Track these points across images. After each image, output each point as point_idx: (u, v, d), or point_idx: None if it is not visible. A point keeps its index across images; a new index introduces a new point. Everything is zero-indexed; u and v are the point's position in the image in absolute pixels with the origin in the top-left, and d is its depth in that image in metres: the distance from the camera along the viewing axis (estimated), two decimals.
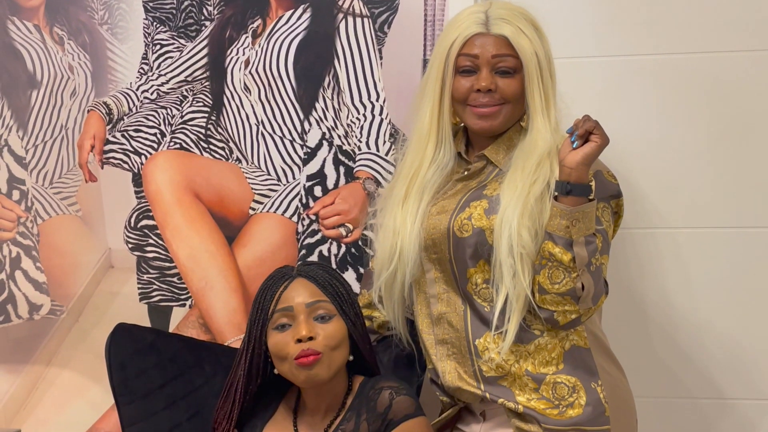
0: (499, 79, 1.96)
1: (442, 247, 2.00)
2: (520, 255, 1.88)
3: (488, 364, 1.97)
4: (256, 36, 2.55)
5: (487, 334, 1.97)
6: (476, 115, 1.99)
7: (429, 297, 2.07)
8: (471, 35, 1.96)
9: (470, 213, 1.97)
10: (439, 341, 2.06)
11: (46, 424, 2.72)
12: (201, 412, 2.24)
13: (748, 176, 2.46)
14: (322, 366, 1.92)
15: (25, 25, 2.64)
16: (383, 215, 2.14)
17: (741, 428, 2.52)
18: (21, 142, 2.68)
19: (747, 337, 2.49)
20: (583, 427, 1.91)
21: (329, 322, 1.95)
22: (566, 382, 1.94)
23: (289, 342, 1.92)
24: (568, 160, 1.83)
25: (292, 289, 1.97)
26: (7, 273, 2.70)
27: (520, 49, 1.94)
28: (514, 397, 1.96)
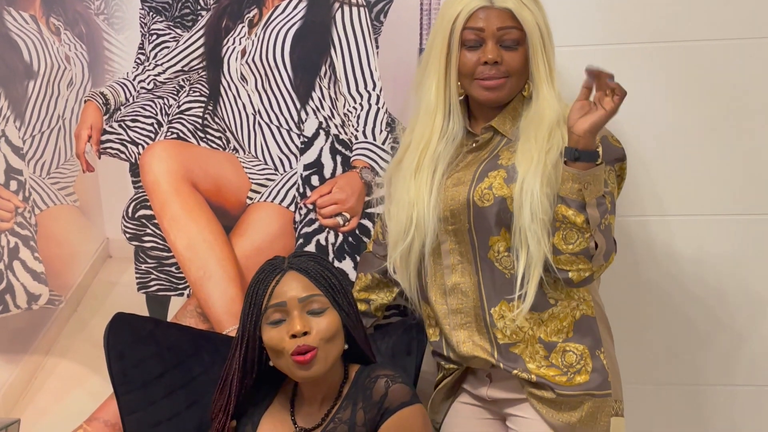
0: (504, 52, 1.97)
1: (462, 218, 2.02)
2: (542, 221, 1.91)
3: (503, 331, 2.00)
4: (253, 25, 2.54)
5: (503, 302, 2.00)
6: (483, 87, 2.00)
7: (443, 268, 2.08)
8: (475, 8, 1.97)
9: (490, 183, 1.99)
10: (453, 311, 2.07)
11: (45, 413, 2.72)
12: (200, 401, 2.24)
13: (741, 165, 2.47)
14: (319, 362, 1.92)
15: (21, 16, 2.64)
16: (394, 188, 2.16)
17: (731, 413, 2.53)
18: (18, 133, 2.68)
19: (739, 323, 2.50)
20: (591, 392, 1.96)
21: (323, 316, 1.95)
22: (575, 350, 1.98)
23: (284, 337, 1.93)
24: (577, 128, 1.85)
25: (285, 283, 1.97)
26: (6, 263, 2.71)
27: (524, 20, 1.96)
28: (525, 365, 1.99)
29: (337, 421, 1.95)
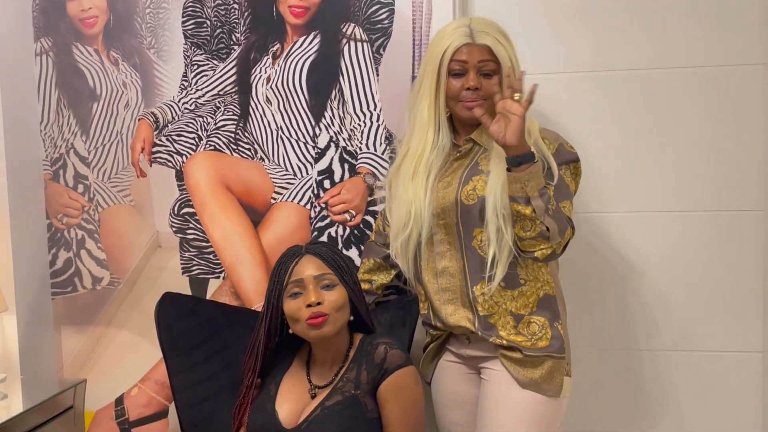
0: (482, 79, 2.10)
1: (451, 214, 2.14)
2: (503, 216, 2.05)
3: (483, 305, 2.13)
4: (276, 57, 2.61)
5: (483, 283, 2.13)
6: (466, 108, 2.12)
7: (435, 254, 2.19)
8: (460, 45, 2.09)
9: (474, 185, 2.12)
10: (442, 289, 2.19)
11: (107, 374, 2.81)
12: (233, 363, 2.36)
13: (669, 171, 2.55)
14: (329, 325, 2.03)
15: (87, 50, 2.72)
16: (395, 189, 2.26)
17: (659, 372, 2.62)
18: (84, 146, 2.76)
19: (667, 299, 2.60)
20: (551, 354, 2.11)
21: (333, 290, 2.05)
22: (537, 322, 2.13)
23: (301, 307, 2.03)
24: (508, 140, 1.95)
25: (302, 264, 2.07)
26: (74, 252, 2.80)
27: (499, 54, 2.09)
28: (498, 333, 2.13)
29: (345, 380, 2.06)
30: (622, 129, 2.58)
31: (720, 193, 2.56)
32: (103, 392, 2.83)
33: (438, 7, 2.51)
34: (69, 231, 2.82)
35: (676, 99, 2.54)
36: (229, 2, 2.64)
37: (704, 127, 2.54)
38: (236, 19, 2.64)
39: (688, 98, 2.54)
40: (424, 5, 2.52)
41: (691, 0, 2.50)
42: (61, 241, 2.83)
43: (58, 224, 2.82)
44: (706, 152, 2.55)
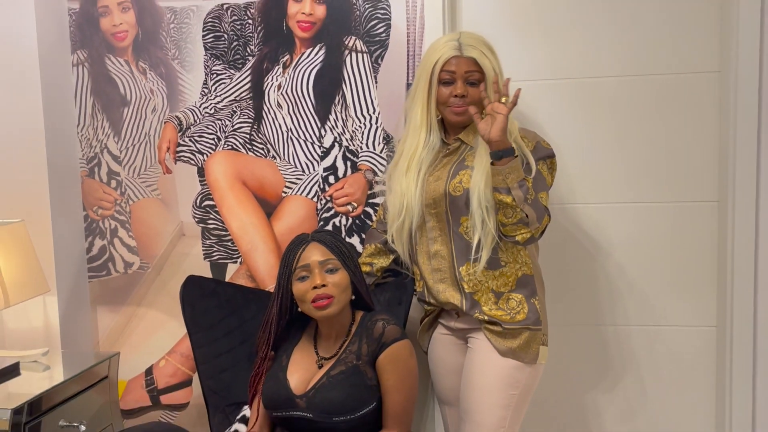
0: (468, 88, 2.13)
1: (441, 203, 2.16)
2: (486, 207, 2.07)
3: (468, 284, 2.15)
4: (286, 67, 2.61)
5: (467, 263, 2.15)
6: (454, 113, 2.15)
7: (428, 239, 2.22)
8: (450, 57, 2.12)
9: (460, 179, 2.14)
10: (434, 270, 2.22)
11: (137, 348, 2.82)
12: (249, 338, 2.39)
13: (643, 166, 2.56)
14: (334, 305, 2.05)
15: (118, 60, 2.72)
16: (391, 183, 2.27)
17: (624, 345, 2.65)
18: (116, 146, 2.76)
19: (646, 280, 2.61)
20: (528, 326, 2.14)
21: (336, 273, 2.07)
22: (515, 298, 2.16)
23: (308, 289, 2.05)
24: (492, 136, 1.98)
25: (309, 250, 2.08)
26: (108, 240, 2.80)
27: (484, 67, 2.11)
28: (481, 308, 2.15)
29: (348, 352, 2.09)
30: (592, 130, 2.59)
31: (679, 186, 2.58)
32: (135, 364, 2.84)
33: (429, 22, 2.51)
34: (103, 221, 2.82)
35: (639, 103, 2.56)
36: (244, 18, 2.63)
37: (664, 129, 2.55)
38: (250, 33, 2.63)
39: (649, 103, 2.54)
40: (417, 20, 2.52)
41: (652, 15, 2.51)
42: (97, 230, 2.83)
43: (94, 215, 2.82)
44: (666, 151, 2.56)
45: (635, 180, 2.59)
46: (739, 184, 2.43)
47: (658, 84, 2.53)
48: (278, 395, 2.09)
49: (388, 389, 2.08)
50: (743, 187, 2.43)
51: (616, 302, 2.65)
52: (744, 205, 2.44)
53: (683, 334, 2.63)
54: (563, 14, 2.56)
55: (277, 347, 2.20)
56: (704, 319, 2.61)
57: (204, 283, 2.49)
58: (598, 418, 2.72)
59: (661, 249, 2.60)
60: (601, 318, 2.67)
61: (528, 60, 2.58)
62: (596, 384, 2.71)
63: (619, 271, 2.64)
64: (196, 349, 2.41)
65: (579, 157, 2.60)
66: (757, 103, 2.38)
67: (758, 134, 2.40)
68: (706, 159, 2.55)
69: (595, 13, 2.54)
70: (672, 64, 2.52)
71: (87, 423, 2.39)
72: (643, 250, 2.61)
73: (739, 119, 2.40)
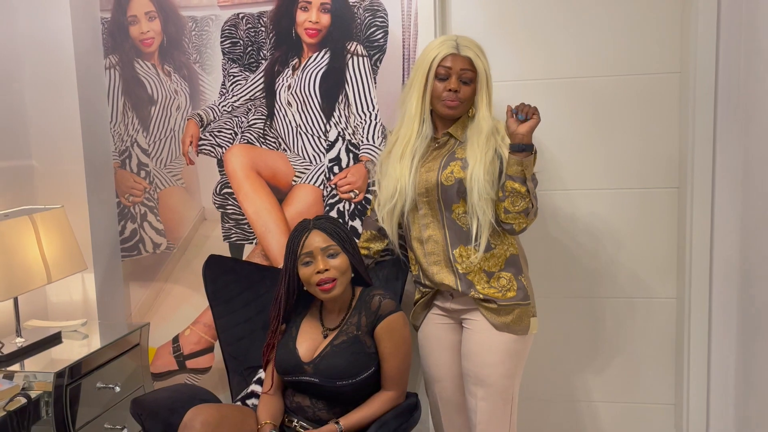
0: (462, 85, 2.09)
1: (433, 192, 2.11)
2: (486, 199, 2.03)
3: (461, 265, 2.11)
4: (295, 69, 2.60)
5: (461, 246, 2.11)
6: (446, 106, 2.11)
7: (421, 225, 2.16)
8: (447, 54, 2.08)
9: (451, 170, 2.09)
10: (428, 253, 2.16)
11: (165, 319, 2.84)
12: (264, 310, 2.41)
13: (612, 157, 2.56)
14: (336, 288, 2.06)
15: (146, 64, 2.72)
16: (386, 167, 2.21)
17: (611, 315, 2.64)
18: (145, 140, 2.76)
19: (615, 257, 2.61)
20: (518, 302, 2.11)
21: (337, 258, 2.07)
22: (505, 276, 2.12)
23: (312, 273, 2.06)
24: (520, 130, 1.98)
25: (311, 238, 2.07)
26: (138, 224, 2.81)
27: (477, 67, 2.08)
28: (475, 287, 2.10)
29: (349, 323, 2.10)
30: (570, 125, 2.59)
31: (644, 174, 2.58)
32: (163, 333, 2.85)
33: (422, 28, 2.51)
34: (134, 207, 2.82)
35: (610, 101, 2.55)
36: (257, 26, 2.62)
37: (631, 124, 2.55)
38: (263, 39, 2.62)
39: (619, 100, 2.54)
40: (411, 27, 2.51)
41: (622, 24, 2.50)
42: (128, 215, 2.83)
43: (126, 202, 2.82)
44: (633, 143, 2.56)
45: (607, 169, 2.59)
46: (697, 173, 2.43)
47: (627, 84, 2.53)
48: (289, 362, 2.10)
49: (385, 356, 2.09)
50: (700, 175, 2.43)
51: (591, 277, 2.65)
52: (701, 191, 2.44)
53: (649, 305, 2.64)
54: (544, 23, 2.55)
55: (287, 320, 2.20)
56: (666, 292, 2.62)
57: (224, 261, 2.50)
58: (570, 379, 2.74)
59: (629, 229, 2.60)
60: (578, 291, 2.67)
61: (512, 63, 2.57)
62: (573, 350, 2.72)
63: (594, 248, 2.64)
64: (217, 320, 2.43)
65: (559, 149, 2.60)
66: (713, 101, 2.38)
67: (714, 128, 2.40)
68: (668, 150, 2.55)
69: (572, 21, 2.54)
70: (639, 67, 2.52)
71: (121, 385, 2.42)
72: (613, 230, 2.62)
73: (698, 115, 2.40)
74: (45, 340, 2.41)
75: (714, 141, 2.40)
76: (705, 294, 2.47)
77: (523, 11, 2.55)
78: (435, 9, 2.49)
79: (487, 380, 2.12)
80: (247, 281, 2.48)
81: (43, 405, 2.10)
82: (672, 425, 2.67)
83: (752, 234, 2.28)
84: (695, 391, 2.52)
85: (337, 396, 2.06)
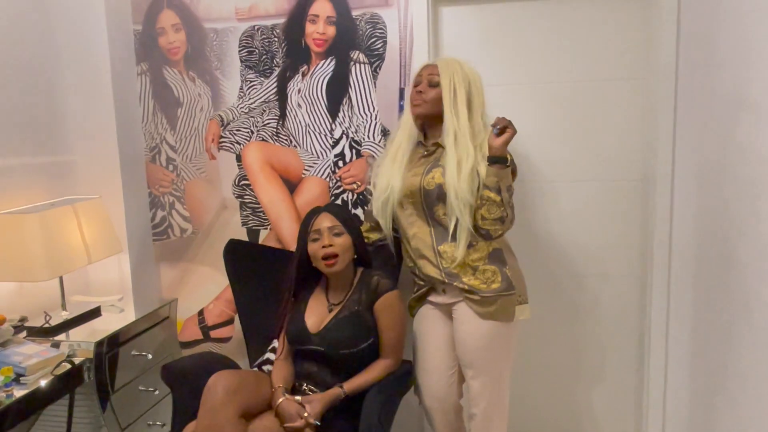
0: (428, 88, 2.07)
1: (417, 195, 2.09)
2: (463, 200, 1.98)
3: (446, 260, 2.06)
4: (304, 75, 2.58)
5: (446, 243, 2.07)
6: (412, 104, 2.10)
7: (408, 223, 2.14)
8: (425, 65, 2.12)
9: (433, 175, 2.06)
10: (415, 249, 2.13)
11: (192, 294, 2.83)
12: (277, 288, 2.34)
13: (583, 153, 2.54)
14: (339, 263, 2.07)
15: (172, 71, 2.71)
16: (383, 166, 2.19)
17: (593, 292, 2.63)
18: (173, 138, 2.75)
19: (588, 240, 2.60)
20: (501, 292, 2.03)
21: (341, 237, 2.09)
22: (489, 269, 2.06)
23: (319, 249, 2.07)
24: (495, 144, 1.93)
25: (320, 219, 2.10)
26: (167, 211, 2.80)
27: (442, 72, 2.03)
28: (462, 279, 2.05)
29: (351, 300, 2.11)
30: (546, 123, 2.57)
31: (612, 168, 2.56)
32: (189, 307, 2.85)
33: (417, 38, 2.49)
34: (163, 197, 2.81)
35: (582, 103, 2.54)
36: (271, 36, 2.60)
37: (601, 123, 2.53)
38: (276, 48, 2.60)
39: (590, 102, 2.52)
40: (407, 38, 2.49)
41: (592, 35, 2.48)
42: (158, 203, 2.82)
43: (156, 192, 2.81)
44: (602, 140, 2.54)
45: (578, 163, 2.58)
46: (659, 167, 2.42)
47: (598, 88, 2.52)
48: (298, 333, 2.11)
49: (383, 328, 2.10)
50: (662, 169, 2.42)
51: (566, 258, 2.65)
52: (663, 182, 2.43)
53: (615, 281, 2.64)
54: (525, 35, 2.53)
55: (297, 296, 2.20)
56: (631, 270, 2.62)
57: (242, 244, 2.50)
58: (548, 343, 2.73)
59: (597, 216, 2.59)
60: (556, 271, 2.67)
61: (497, 70, 2.56)
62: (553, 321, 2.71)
63: (568, 234, 2.63)
64: (236, 295, 2.43)
65: (536, 145, 2.58)
66: (674, 104, 2.37)
67: (674, 128, 2.38)
68: (633, 146, 2.54)
69: (550, 33, 2.52)
70: (609, 73, 2.51)
71: (153, 352, 2.45)
72: (585, 217, 2.61)
73: (660, 116, 2.39)
74: (87, 314, 2.42)
75: (674, 139, 2.39)
76: (665, 272, 2.47)
77: (506, 25, 2.53)
78: (428, 21, 2.48)
79: (475, 363, 2.09)
80: (262, 262, 2.48)
81: (85, 370, 2.11)
82: (634, 381, 2.68)
83: (706, 220, 2.27)
84: (655, 351, 2.52)
85: (341, 363, 2.07)
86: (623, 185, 2.57)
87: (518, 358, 2.66)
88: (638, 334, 2.65)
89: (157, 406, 2.46)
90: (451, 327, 2.17)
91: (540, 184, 2.62)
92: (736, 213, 1.95)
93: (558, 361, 2.72)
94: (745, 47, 1.84)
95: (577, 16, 2.49)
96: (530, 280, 2.45)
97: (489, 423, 2.13)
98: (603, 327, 2.67)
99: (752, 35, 1.79)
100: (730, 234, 2.00)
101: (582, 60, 2.51)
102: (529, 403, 2.75)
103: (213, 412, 1.83)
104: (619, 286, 2.64)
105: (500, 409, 2.13)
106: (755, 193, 1.80)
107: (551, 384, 2.73)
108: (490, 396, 2.10)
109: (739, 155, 1.91)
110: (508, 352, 2.12)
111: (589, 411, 2.72)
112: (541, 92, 2.55)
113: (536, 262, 2.64)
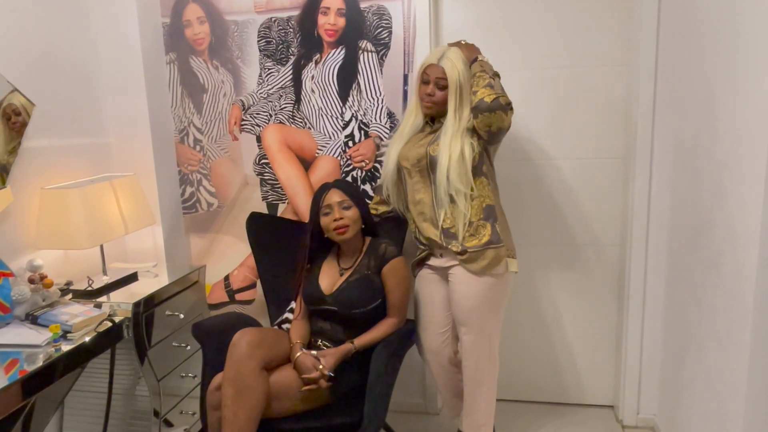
0: (437, 90, 2.06)
1: (423, 161, 2.07)
2: (455, 191, 1.98)
3: (446, 221, 2.03)
4: (317, 63, 2.57)
5: (447, 205, 2.03)
6: (424, 106, 2.10)
7: (414, 190, 2.12)
8: (429, 63, 2.05)
9: (438, 144, 2.03)
10: (419, 213, 2.12)
11: (219, 261, 2.83)
12: (294, 255, 2.33)
13: (568, 133, 2.52)
14: (349, 231, 2.07)
15: (198, 60, 2.70)
16: (391, 145, 2.18)
17: (580, 261, 2.63)
18: (199, 121, 2.74)
19: (571, 211, 2.58)
20: (489, 245, 2.01)
21: (350, 210, 2.08)
22: (483, 225, 2.03)
23: (330, 221, 2.07)
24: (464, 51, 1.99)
25: (330, 194, 2.10)
26: (195, 187, 2.80)
27: (450, 77, 2.00)
28: (457, 237, 2.02)
29: (361, 265, 2.10)
30: (538, 106, 2.55)
31: (595, 146, 2.55)
32: (216, 272, 2.85)
33: (420, 30, 2.47)
34: (191, 174, 2.81)
35: (569, 87, 2.52)
36: (287, 27, 2.59)
37: (586, 106, 2.51)
38: (291, 39, 2.59)
39: (576, 86, 2.50)
40: (411, 28, 2.48)
41: (577, 24, 2.45)
42: (187, 180, 2.82)
43: (185, 170, 2.81)
44: (587, 122, 2.52)
45: (565, 142, 2.57)
46: (639, 145, 2.41)
47: (584, 73, 2.50)
48: (313, 295, 2.12)
49: (390, 290, 2.10)
50: (642, 147, 2.41)
51: (553, 228, 2.64)
52: (642, 160, 2.41)
53: (597, 249, 2.63)
54: (520, 24, 2.51)
55: (312, 262, 2.21)
56: (611, 239, 2.62)
57: (262, 217, 2.50)
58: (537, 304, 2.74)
59: (581, 191, 2.58)
60: (544, 240, 2.67)
61: (494, 56, 2.42)
62: (539, 285, 2.72)
63: (556, 207, 2.63)
64: (257, 263, 2.44)
65: (528, 126, 2.57)
66: (653, 88, 2.35)
67: (653, 110, 2.37)
68: (615, 127, 2.53)
69: (542, 23, 2.49)
70: (594, 60, 2.49)
71: (184, 313, 2.44)
72: (571, 192, 2.60)
73: (640, 99, 2.38)
74: (125, 278, 2.43)
75: (653, 120, 2.38)
76: (643, 241, 2.46)
77: (502, 15, 2.51)
78: (430, 13, 2.46)
79: (468, 321, 2.09)
80: (280, 232, 2.48)
81: (125, 328, 2.11)
82: (614, 339, 2.70)
83: (681, 195, 2.26)
84: (633, 312, 2.52)
85: (352, 321, 2.07)
86: (605, 162, 2.56)
87: (509, 313, 2.69)
88: (617, 299, 2.66)
89: (189, 360, 2.48)
90: (446, 289, 2.16)
91: (530, 161, 2.62)
92: (707, 187, 1.94)
93: (547, 315, 2.74)
94: (723, 33, 1.82)
95: (565, 9, 2.47)
96: (521, 248, 2.50)
97: (480, 374, 2.14)
98: (585, 291, 2.67)
99: (730, 20, 1.76)
100: (702, 205, 2.00)
101: (570, 48, 2.49)
102: (518, 353, 2.78)
103: (238, 364, 1.84)
104: (600, 254, 2.63)
105: (491, 362, 2.14)
106: (726, 168, 1.79)
107: (540, 336, 2.75)
108: (482, 350, 2.11)
109: (712, 135, 1.90)
110: (498, 310, 2.10)
111: (571, 358, 2.74)
112: (533, 77, 2.54)
113: (524, 231, 2.64)
